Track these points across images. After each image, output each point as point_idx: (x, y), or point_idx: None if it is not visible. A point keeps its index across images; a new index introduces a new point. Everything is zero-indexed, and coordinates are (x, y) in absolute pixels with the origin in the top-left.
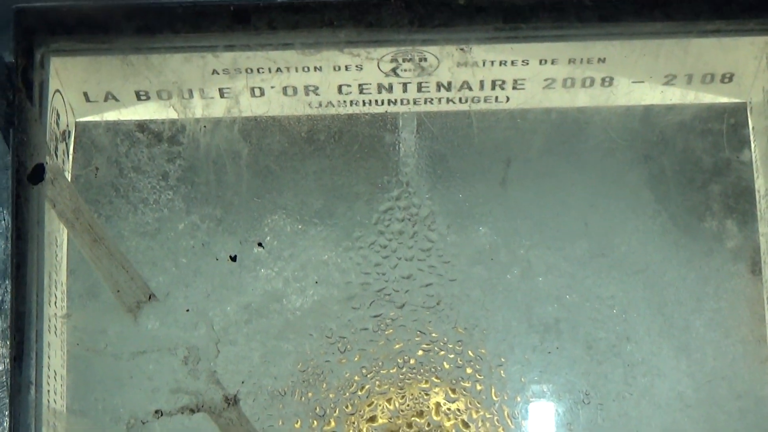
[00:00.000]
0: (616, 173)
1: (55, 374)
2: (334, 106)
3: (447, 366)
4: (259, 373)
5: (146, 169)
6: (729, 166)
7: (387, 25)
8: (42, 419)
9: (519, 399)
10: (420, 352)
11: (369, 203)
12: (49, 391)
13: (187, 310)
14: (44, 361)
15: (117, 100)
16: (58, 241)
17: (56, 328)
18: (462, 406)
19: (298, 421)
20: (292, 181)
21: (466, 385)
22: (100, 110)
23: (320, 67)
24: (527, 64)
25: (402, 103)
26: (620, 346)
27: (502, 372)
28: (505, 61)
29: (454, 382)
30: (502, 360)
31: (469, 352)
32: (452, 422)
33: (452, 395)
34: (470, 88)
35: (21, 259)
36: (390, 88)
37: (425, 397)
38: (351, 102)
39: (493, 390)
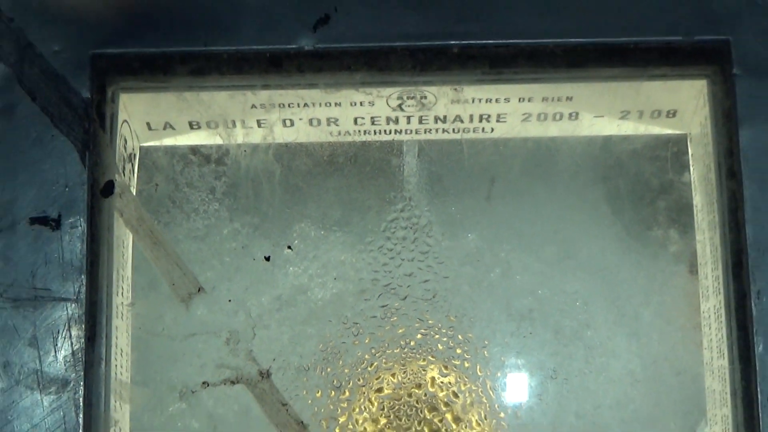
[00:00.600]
0: (580, 191)
1: (122, 352)
2: (350, 134)
3: (441, 347)
4: (287, 352)
5: (197, 185)
6: (672, 186)
7: (394, 69)
8: (111, 389)
9: (499, 374)
10: (419, 336)
11: (378, 214)
12: (116, 365)
13: (230, 301)
14: (113, 342)
15: (174, 128)
16: (124, 243)
17: (123, 315)
18: (453, 380)
19: (319, 392)
20: (316, 196)
21: (456, 363)
22: (159, 137)
23: (340, 103)
24: (508, 101)
25: (406, 132)
26: (582, 332)
27: (486, 352)
28: (491, 99)
29: (446, 360)
30: (486, 343)
31: (459, 336)
32: (444, 393)
33: (445, 371)
34: (462, 121)
35: (94, 258)
36: (396, 121)
37: (423, 372)
38: (364, 131)
39: (478, 367)
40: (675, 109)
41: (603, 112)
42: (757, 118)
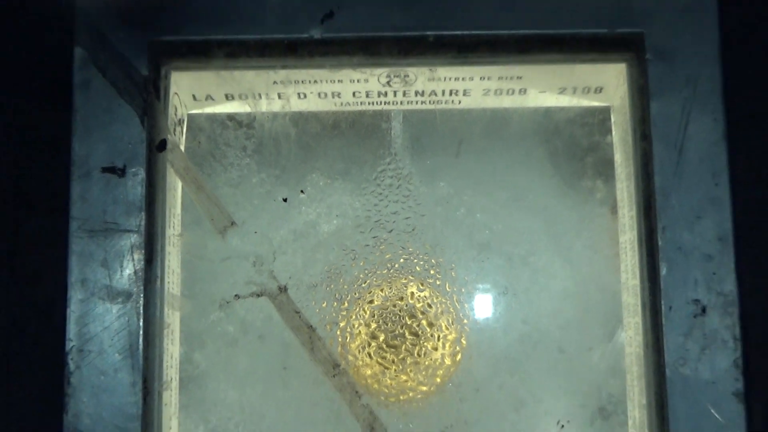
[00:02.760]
0: (528, 150)
1: (173, 272)
2: (350, 105)
3: (418, 269)
4: (300, 273)
5: (232, 143)
6: (598, 146)
7: (384, 54)
8: (164, 300)
9: (464, 290)
10: (402, 260)
11: (371, 166)
12: (169, 282)
13: (255, 232)
14: (166, 263)
15: (213, 99)
16: (175, 188)
17: (173, 243)
18: (427, 294)
19: (324, 303)
20: (323, 152)
21: (430, 281)
22: (202, 106)
23: (341, 80)
24: (472, 79)
25: (393, 104)
26: (528, 258)
27: (453, 273)
28: (458, 78)
29: (422, 279)
30: (453, 266)
31: (433, 261)
32: (421, 304)
33: (421, 287)
34: (436, 95)
35: (151, 199)
36: (385, 94)
37: (404, 288)
38: (360, 103)
39: (447, 284)
40: (601, 86)
41: (545, 88)
42: (664, 93)
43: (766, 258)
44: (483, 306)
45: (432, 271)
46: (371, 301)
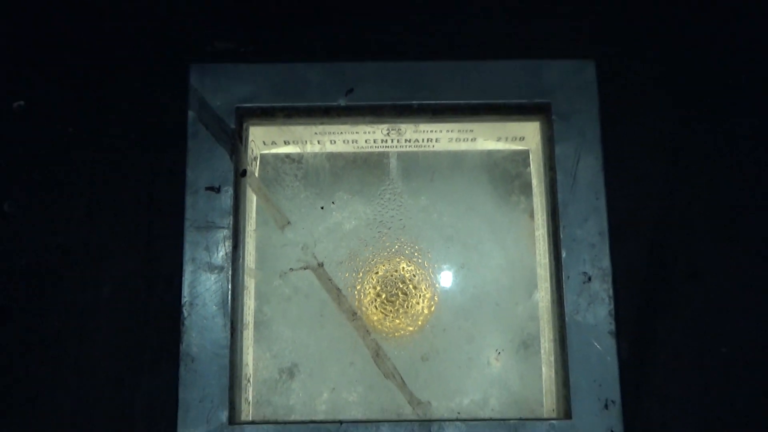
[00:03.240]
0: (477, 177)
1: (250, 254)
2: (363, 147)
3: (407, 252)
4: (331, 254)
5: (288, 172)
6: (522, 174)
7: (385, 115)
8: (245, 271)
9: (436, 266)
10: (396, 246)
11: (376, 187)
12: (248, 260)
13: (303, 228)
14: (246, 248)
15: (276, 144)
16: (251, 200)
17: (251, 235)
18: (413, 268)
19: (347, 273)
20: (347, 178)
21: (415, 260)
22: (269, 148)
23: (358, 131)
24: (441, 132)
25: (391, 147)
26: (477, 245)
27: (429, 255)
28: (433, 131)
29: (410, 258)
30: (429, 250)
31: (416, 247)
32: (409, 275)
33: (409, 264)
34: (418, 141)
35: (236, 207)
36: (386, 141)
37: (398, 264)
38: (370, 146)
39: (425, 262)
40: (523, 136)
41: (488, 137)
42: (564, 141)
43: (630, 246)
44: (448, 276)
45: (416, 254)
46: (377, 272)
